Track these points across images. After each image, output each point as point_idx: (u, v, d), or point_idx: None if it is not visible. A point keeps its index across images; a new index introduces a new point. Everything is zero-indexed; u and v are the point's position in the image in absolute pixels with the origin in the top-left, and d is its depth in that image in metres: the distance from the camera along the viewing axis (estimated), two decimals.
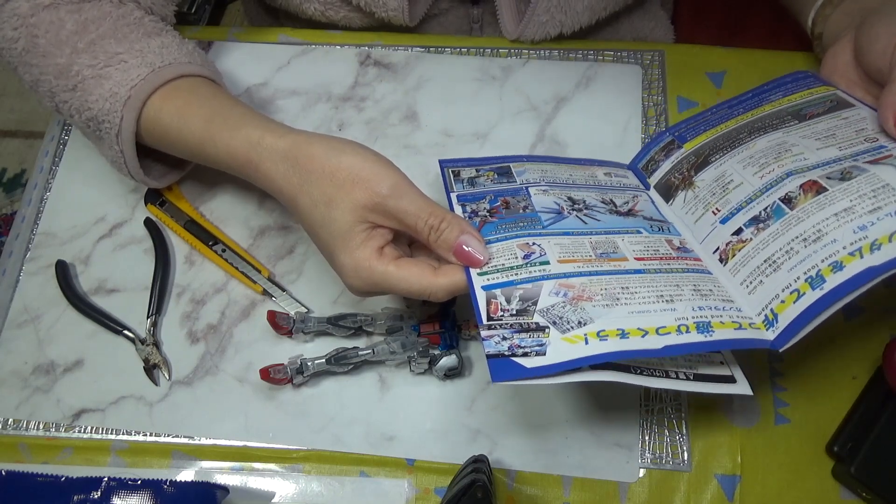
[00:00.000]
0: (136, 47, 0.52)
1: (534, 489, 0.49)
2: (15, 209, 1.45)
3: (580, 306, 0.42)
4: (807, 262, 0.43)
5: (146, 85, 0.51)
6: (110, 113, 0.51)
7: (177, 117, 0.51)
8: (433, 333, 0.52)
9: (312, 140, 0.46)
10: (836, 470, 0.49)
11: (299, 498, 0.50)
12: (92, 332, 0.56)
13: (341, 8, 0.65)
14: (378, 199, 0.44)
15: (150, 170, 0.57)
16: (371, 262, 0.44)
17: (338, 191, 0.44)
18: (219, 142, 0.49)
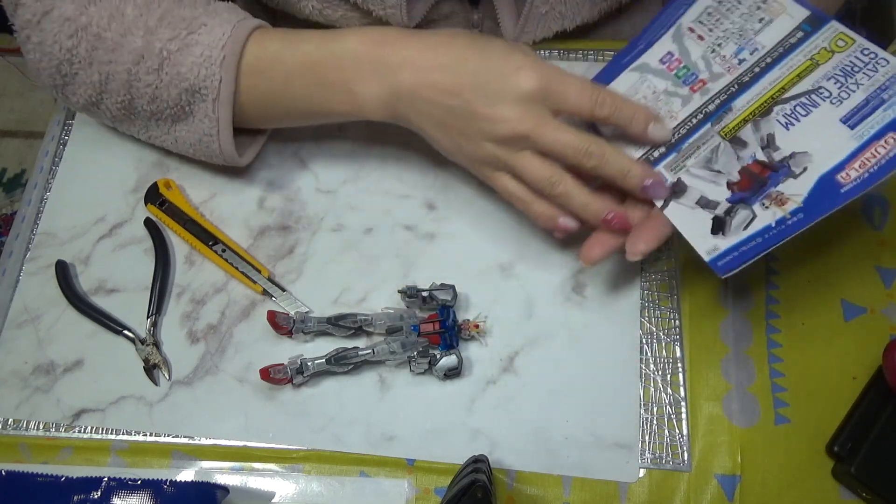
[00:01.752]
0: (209, 9, 0.52)
1: (534, 489, 0.49)
2: (15, 209, 1.45)
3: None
4: None
5: (236, 40, 0.50)
6: (207, 78, 0.50)
7: (288, 39, 0.51)
8: (433, 333, 0.52)
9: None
10: (836, 470, 0.49)
11: (299, 498, 0.50)
12: (92, 332, 0.56)
13: (339, 7, 0.65)
14: (549, 70, 0.47)
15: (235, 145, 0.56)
16: (546, 62, 0.46)
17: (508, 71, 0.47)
18: (348, 33, 0.50)
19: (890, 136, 0.41)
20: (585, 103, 0.46)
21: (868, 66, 0.43)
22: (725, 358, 0.53)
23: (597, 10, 0.63)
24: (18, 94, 1.66)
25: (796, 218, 0.42)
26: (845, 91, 0.43)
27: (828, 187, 0.42)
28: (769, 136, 0.45)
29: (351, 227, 0.59)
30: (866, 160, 0.41)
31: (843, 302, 0.54)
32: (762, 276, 0.55)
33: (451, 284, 0.53)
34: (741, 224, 0.43)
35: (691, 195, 0.46)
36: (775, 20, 0.47)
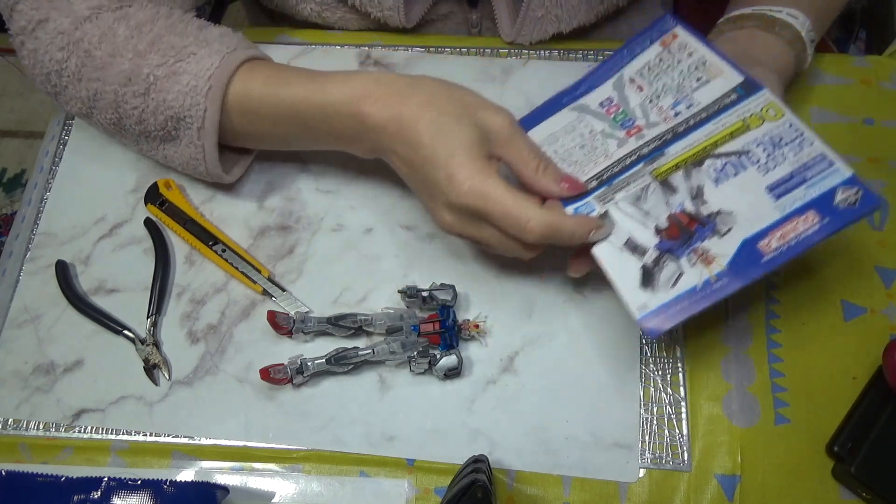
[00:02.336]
0: (199, 38, 0.52)
1: (534, 489, 0.49)
2: (15, 209, 1.45)
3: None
4: None
5: (223, 72, 0.50)
6: (192, 108, 0.50)
7: (272, 82, 0.51)
8: (433, 333, 0.52)
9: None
10: (836, 470, 0.49)
11: (299, 498, 0.50)
12: (92, 332, 0.56)
13: (337, 9, 0.65)
14: (507, 128, 0.47)
15: (221, 164, 0.56)
16: (486, 172, 0.45)
17: (472, 109, 0.48)
18: (329, 86, 0.50)
19: (811, 213, 0.43)
20: (513, 231, 0.45)
21: (794, 142, 0.45)
22: (725, 358, 0.53)
23: (593, 13, 0.63)
24: (18, 94, 1.66)
25: (721, 283, 0.43)
26: (772, 161, 0.45)
27: (750, 254, 0.43)
28: (699, 188, 0.46)
29: (351, 227, 0.59)
30: (787, 233, 0.43)
31: (843, 302, 0.54)
32: None
33: (450, 284, 0.53)
34: (669, 279, 0.45)
35: (619, 234, 0.47)
36: (712, 81, 0.49)
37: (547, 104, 0.56)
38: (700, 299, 0.43)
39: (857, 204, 0.42)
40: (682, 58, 0.51)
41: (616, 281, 0.46)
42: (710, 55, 0.50)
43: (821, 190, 0.43)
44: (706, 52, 0.50)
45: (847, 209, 0.42)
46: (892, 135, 0.60)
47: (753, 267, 0.43)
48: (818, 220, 0.42)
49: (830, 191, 0.43)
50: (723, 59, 0.49)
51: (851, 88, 0.62)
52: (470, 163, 0.45)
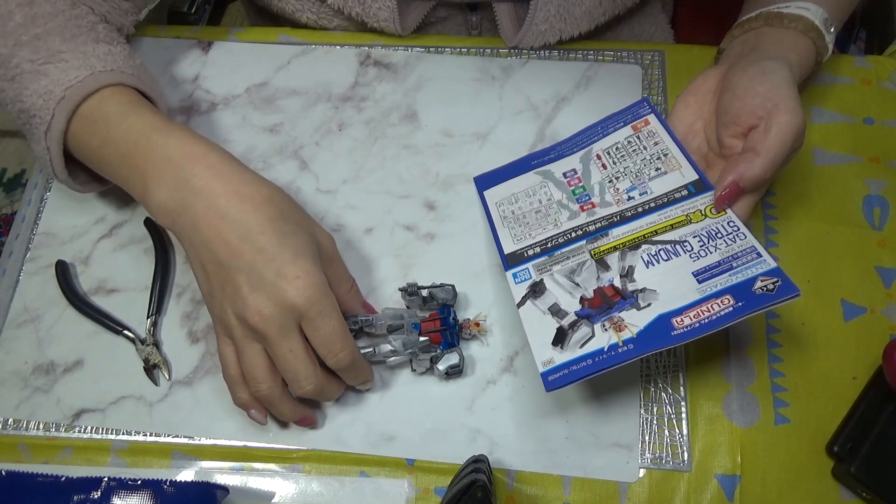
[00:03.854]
0: (80, 49, 0.52)
1: (534, 489, 0.49)
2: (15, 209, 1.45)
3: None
4: None
5: (83, 87, 0.50)
6: (42, 110, 0.50)
7: (127, 105, 0.50)
8: (434, 332, 0.52)
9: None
10: (836, 470, 0.49)
11: (299, 498, 0.50)
12: (92, 332, 0.56)
13: (334, 17, 0.66)
14: (332, 248, 0.50)
15: (75, 175, 0.55)
16: (323, 279, 0.46)
17: (308, 223, 0.49)
18: (177, 132, 0.48)
19: (727, 297, 0.44)
20: (324, 349, 0.46)
21: (728, 236, 0.47)
22: (725, 358, 0.53)
23: (594, 24, 0.63)
24: None
25: (627, 348, 0.44)
26: (704, 250, 0.47)
27: (662, 327, 0.44)
28: (630, 268, 0.48)
29: (351, 227, 0.59)
30: (700, 312, 0.44)
31: (843, 302, 0.54)
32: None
33: (450, 284, 0.53)
34: (579, 341, 0.46)
35: (547, 299, 0.49)
36: (669, 174, 0.52)
37: (517, 163, 0.58)
38: (603, 360, 0.44)
39: (775, 290, 0.43)
40: (647, 145, 0.54)
41: (530, 336, 0.47)
42: (674, 148, 0.52)
43: (743, 278, 0.44)
44: (671, 144, 0.53)
45: (763, 294, 0.43)
46: (892, 135, 0.60)
47: (662, 339, 0.44)
48: (733, 303, 0.43)
49: (751, 279, 0.44)
50: (684, 156, 0.52)
51: (851, 88, 0.62)
52: (315, 270, 0.46)
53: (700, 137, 0.53)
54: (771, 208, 0.57)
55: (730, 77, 0.50)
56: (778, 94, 0.47)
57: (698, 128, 0.53)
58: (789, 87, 0.48)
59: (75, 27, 0.53)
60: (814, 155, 0.59)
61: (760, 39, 0.53)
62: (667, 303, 0.45)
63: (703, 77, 0.54)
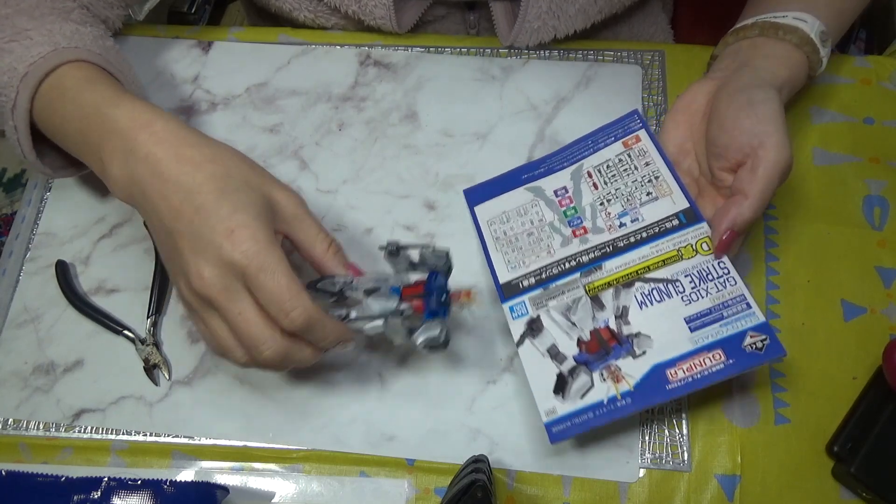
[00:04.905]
0: (46, 27, 0.51)
1: (534, 489, 0.49)
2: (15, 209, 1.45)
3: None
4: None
5: (45, 63, 0.49)
6: (7, 87, 0.50)
7: (84, 81, 0.49)
8: (416, 298, 0.46)
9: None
10: (836, 470, 0.49)
11: (299, 498, 0.50)
12: (92, 332, 0.56)
13: (332, 16, 0.66)
14: (295, 206, 0.46)
15: (46, 157, 0.54)
16: (272, 240, 0.42)
17: (262, 180, 0.45)
18: (124, 103, 0.47)
19: (717, 351, 0.45)
20: (274, 309, 0.41)
21: (719, 279, 0.48)
22: None
23: (590, 21, 0.63)
24: None
25: (625, 402, 0.46)
26: (696, 293, 0.48)
27: (657, 379, 0.46)
28: (625, 309, 0.49)
29: (351, 227, 0.59)
30: (693, 366, 0.46)
31: (843, 302, 0.54)
32: (762, 275, 0.55)
33: (445, 249, 0.48)
34: (580, 391, 0.47)
35: (545, 339, 0.49)
36: (660, 199, 0.51)
37: (507, 176, 0.58)
38: (603, 414, 0.46)
39: (762, 350, 0.45)
40: (639, 165, 0.53)
41: (532, 383, 0.48)
42: (665, 171, 0.52)
43: (733, 330, 0.46)
44: (661, 166, 0.52)
45: (752, 353, 0.45)
46: (892, 135, 0.60)
47: (657, 393, 0.46)
48: (723, 360, 0.45)
49: (741, 333, 0.46)
50: (674, 179, 0.52)
51: (851, 88, 0.62)
52: (256, 224, 0.42)
53: (691, 158, 0.53)
54: (771, 208, 0.57)
55: (717, 105, 0.50)
56: (765, 129, 0.47)
57: (688, 148, 0.53)
58: (776, 121, 0.47)
59: (46, 8, 0.53)
60: (814, 155, 0.59)
61: (753, 52, 0.53)
62: (661, 351, 0.47)
63: (691, 94, 0.53)
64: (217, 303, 0.42)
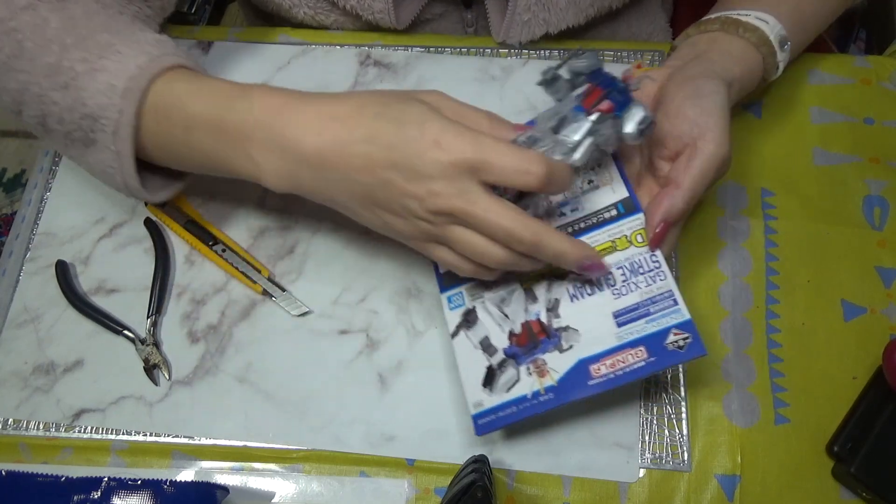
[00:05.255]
0: (131, 39, 0.49)
1: (534, 489, 0.49)
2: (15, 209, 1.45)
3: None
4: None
5: (145, 74, 0.47)
6: (107, 108, 0.47)
7: (197, 83, 0.48)
8: (601, 101, 0.44)
9: None
10: (836, 470, 0.49)
11: (299, 498, 0.50)
12: (92, 332, 0.56)
13: (331, 12, 0.66)
14: (446, 98, 0.46)
15: (144, 182, 0.52)
16: (457, 124, 0.42)
17: (406, 93, 0.45)
18: (256, 93, 0.46)
19: (640, 348, 0.46)
20: (515, 178, 0.41)
21: (650, 273, 0.47)
22: (725, 358, 0.53)
23: (583, 15, 0.62)
24: None
25: (548, 396, 0.46)
26: (626, 287, 0.48)
27: (580, 375, 0.46)
28: (556, 301, 0.49)
29: (351, 226, 0.59)
30: (616, 363, 0.46)
31: (843, 302, 0.54)
32: (762, 275, 0.55)
33: (585, 49, 0.46)
34: (506, 384, 0.48)
35: (478, 331, 0.50)
36: (601, 188, 0.50)
37: None
38: (526, 408, 0.47)
39: (684, 348, 0.45)
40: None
41: (463, 376, 0.48)
42: (607, 158, 0.51)
43: (658, 327, 0.46)
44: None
45: (673, 351, 0.45)
46: (892, 135, 0.60)
47: (579, 388, 0.46)
48: (645, 357, 0.45)
49: (665, 330, 0.46)
50: (616, 167, 0.50)
51: (851, 88, 0.62)
52: (449, 124, 0.42)
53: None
54: (771, 208, 0.57)
55: (667, 90, 0.50)
56: (707, 122, 0.47)
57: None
58: (720, 114, 0.47)
59: (117, 23, 0.51)
60: (814, 155, 0.59)
61: (710, 46, 0.53)
62: (587, 345, 0.47)
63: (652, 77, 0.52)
64: (459, 210, 0.42)
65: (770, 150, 0.59)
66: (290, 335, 0.55)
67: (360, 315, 0.55)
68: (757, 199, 0.58)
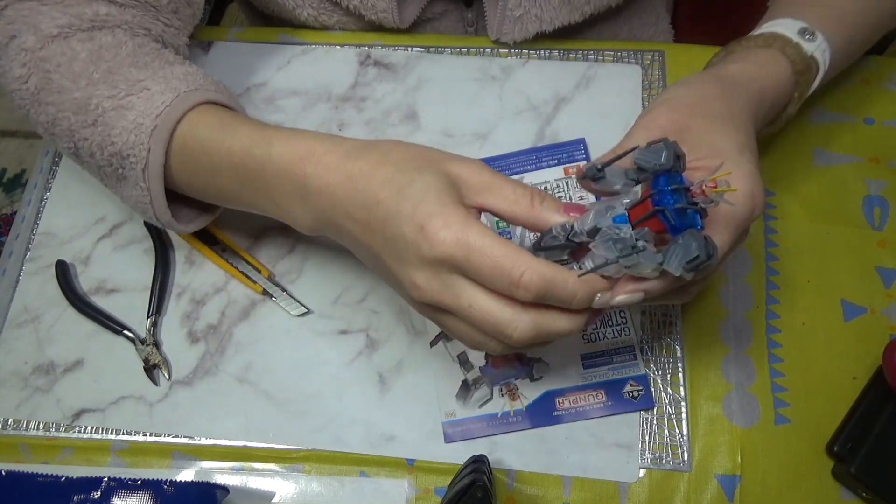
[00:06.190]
0: (158, 74, 0.48)
1: (534, 489, 0.49)
2: (15, 209, 1.45)
3: None
4: None
5: (173, 112, 0.46)
6: (136, 146, 0.46)
7: (219, 128, 0.47)
8: (646, 218, 0.35)
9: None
10: (836, 470, 0.49)
11: (299, 498, 0.50)
12: (92, 332, 0.56)
13: (334, 12, 0.66)
14: (481, 173, 0.40)
15: (177, 213, 0.51)
16: (465, 217, 0.37)
17: (437, 161, 0.41)
18: (276, 140, 0.44)
19: (601, 391, 0.51)
20: (502, 285, 0.37)
21: (617, 327, 0.53)
22: (725, 358, 0.53)
23: (578, 13, 0.62)
24: None
25: (516, 419, 0.51)
26: (595, 335, 0.53)
27: (546, 405, 0.51)
28: None
29: None
30: (578, 399, 0.51)
31: (843, 302, 0.54)
32: (762, 275, 0.55)
33: (660, 140, 0.36)
34: (479, 400, 0.52)
35: (457, 346, 0.53)
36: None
37: None
38: (496, 425, 0.51)
39: (637, 399, 0.51)
40: (573, 196, 0.55)
41: (438, 384, 0.52)
42: None
43: (617, 376, 0.52)
44: (593, 200, 0.52)
45: (628, 400, 0.51)
46: (892, 135, 0.60)
47: (545, 416, 0.51)
48: (604, 401, 0.51)
49: (624, 380, 0.52)
50: None
51: (851, 88, 0.62)
52: (443, 209, 0.38)
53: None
54: (771, 208, 0.57)
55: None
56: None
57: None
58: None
59: (144, 54, 0.50)
60: (814, 155, 0.59)
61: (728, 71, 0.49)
62: (555, 380, 0.52)
63: (657, 112, 0.45)
64: (443, 304, 0.39)
65: (770, 150, 0.59)
66: (290, 335, 0.55)
67: (360, 315, 0.55)
68: None
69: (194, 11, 0.59)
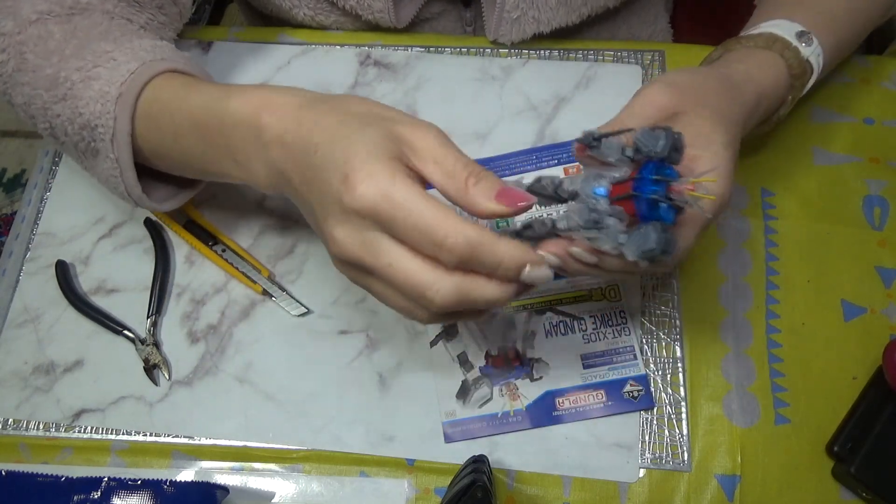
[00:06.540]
0: (126, 46, 0.48)
1: (534, 489, 0.49)
2: (15, 209, 1.45)
3: None
4: None
5: (137, 79, 0.46)
6: (102, 115, 0.46)
7: (182, 91, 0.46)
8: (622, 199, 0.36)
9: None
10: (836, 470, 0.49)
11: (299, 498, 0.50)
12: (92, 332, 0.56)
13: (331, 13, 0.66)
14: (433, 139, 0.38)
15: (151, 191, 0.51)
16: (395, 172, 0.35)
17: (388, 121, 0.38)
18: (234, 93, 0.43)
19: (601, 391, 0.51)
20: (426, 245, 0.35)
21: (617, 327, 0.53)
22: (725, 358, 0.53)
23: (576, 14, 0.62)
24: None
25: (516, 419, 0.51)
26: (595, 335, 0.53)
27: (546, 405, 0.51)
28: (533, 333, 0.53)
29: None
30: (579, 399, 0.51)
31: (843, 302, 0.54)
32: (762, 275, 0.55)
33: (665, 127, 0.36)
34: (479, 400, 0.52)
35: (457, 345, 0.53)
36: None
37: None
38: (496, 426, 0.51)
39: (637, 399, 0.51)
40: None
41: (438, 384, 0.52)
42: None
43: (617, 376, 0.52)
44: None
45: (628, 400, 0.51)
46: (892, 135, 0.60)
47: (545, 416, 0.51)
48: (604, 401, 0.51)
49: (623, 380, 0.52)
50: None
51: (851, 88, 0.62)
52: (372, 162, 0.35)
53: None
54: (771, 208, 0.57)
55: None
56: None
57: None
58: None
59: (118, 31, 0.50)
60: (814, 155, 0.59)
61: (739, 67, 0.49)
62: (555, 380, 0.52)
63: (647, 97, 0.45)
64: (363, 263, 0.36)
65: (770, 150, 0.59)
66: (290, 335, 0.55)
67: (359, 315, 0.55)
68: (757, 200, 0.58)
69: (181, 10, 0.59)
